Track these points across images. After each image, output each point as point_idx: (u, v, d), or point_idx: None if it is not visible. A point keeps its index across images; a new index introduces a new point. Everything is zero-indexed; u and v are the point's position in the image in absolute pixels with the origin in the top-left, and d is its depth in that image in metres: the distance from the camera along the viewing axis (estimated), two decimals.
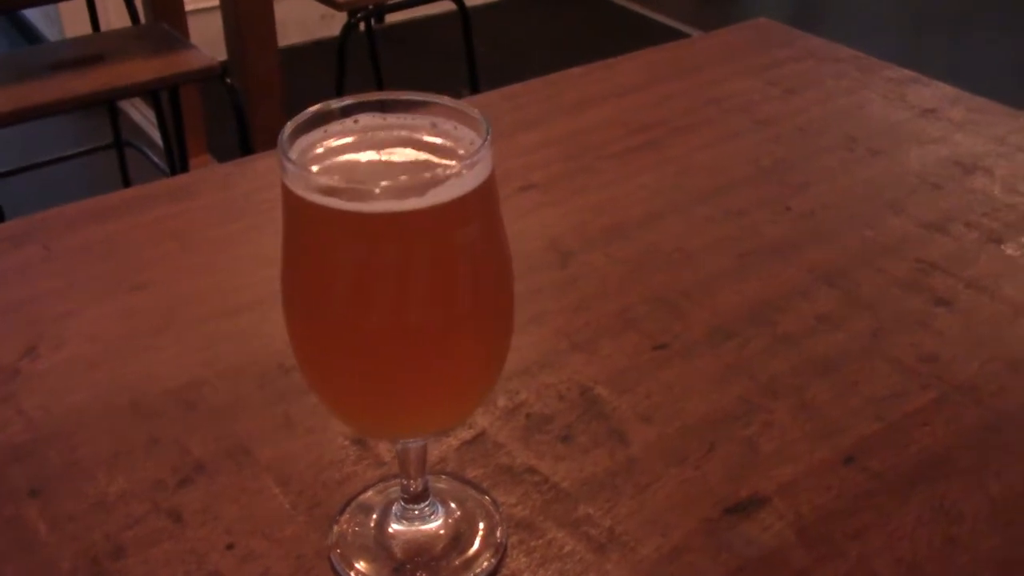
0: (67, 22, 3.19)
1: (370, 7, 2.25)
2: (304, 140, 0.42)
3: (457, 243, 0.40)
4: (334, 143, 0.42)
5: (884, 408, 0.59)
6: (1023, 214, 0.77)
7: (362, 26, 2.47)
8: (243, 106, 1.99)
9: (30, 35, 3.59)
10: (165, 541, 0.51)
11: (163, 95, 2.36)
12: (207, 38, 2.53)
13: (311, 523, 0.52)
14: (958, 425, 0.58)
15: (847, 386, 0.60)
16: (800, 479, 0.54)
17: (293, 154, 0.40)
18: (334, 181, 0.39)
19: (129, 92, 2.03)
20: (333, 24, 3.17)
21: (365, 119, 0.43)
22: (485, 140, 0.40)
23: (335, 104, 0.43)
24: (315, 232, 0.40)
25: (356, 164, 0.41)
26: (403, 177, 0.39)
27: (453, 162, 0.39)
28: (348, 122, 0.43)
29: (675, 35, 3.52)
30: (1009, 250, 0.73)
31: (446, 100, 0.43)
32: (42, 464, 0.56)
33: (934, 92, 0.96)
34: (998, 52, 3.55)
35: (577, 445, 0.56)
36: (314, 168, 0.40)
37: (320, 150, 0.42)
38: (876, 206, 0.78)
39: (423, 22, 3.45)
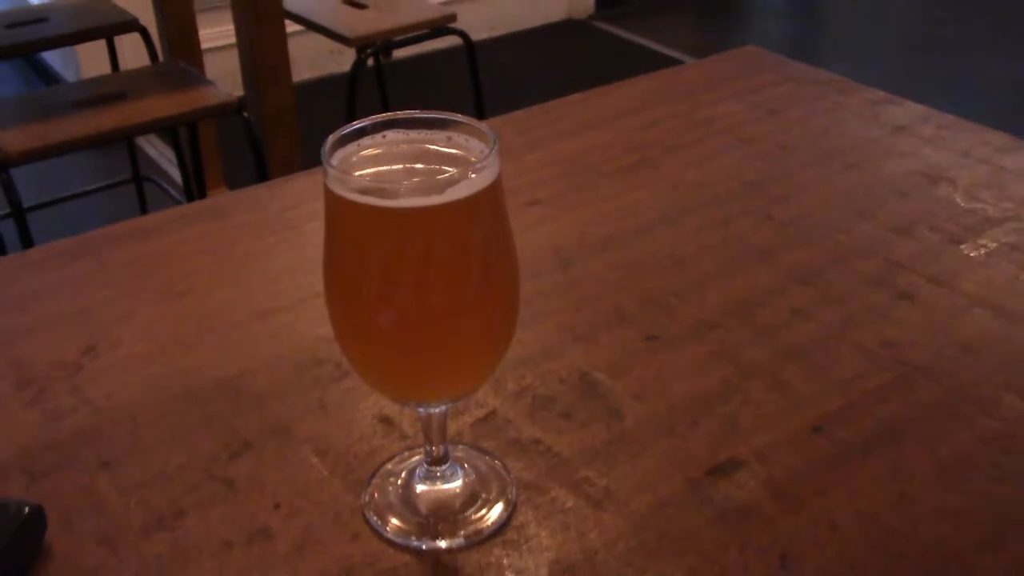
0: (84, 63, 3.30)
1: (378, 43, 2.35)
2: (342, 151, 0.50)
3: (470, 234, 0.48)
4: (367, 153, 0.50)
5: (848, 387, 0.66)
6: (982, 219, 0.85)
7: (371, 61, 2.58)
8: (259, 139, 2.08)
9: (47, 77, 3.71)
10: (220, 503, 0.59)
11: (182, 130, 2.46)
12: (223, 74, 2.63)
13: (346, 486, 0.59)
14: (913, 400, 0.65)
15: (816, 369, 0.68)
16: (773, 446, 0.62)
17: (334, 162, 0.49)
18: (368, 182, 0.47)
19: (150, 128, 2.12)
20: (343, 60, 3.28)
21: (392, 135, 0.51)
22: (492, 149, 0.48)
23: (367, 122, 0.51)
24: (352, 225, 0.48)
25: (386, 169, 0.49)
26: (425, 177, 0.47)
27: (466, 167, 0.47)
28: (378, 137, 0.51)
29: (673, 63, 3.61)
30: (968, 250, 0.81)
31: (459, 118, 0.51)
32: (109, 442, 0.63)
33: (906, 111, 1.04)
34: (992, 74, 3.64)
35: (577, 420, 0.64)
36: (353, 171, 0.48)
37: (355, 159, 0.50)
38: (848, 214, 0.86)
39: (429, 56, 3.56)
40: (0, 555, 0.53)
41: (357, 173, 0.49)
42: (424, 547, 0.55)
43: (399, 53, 3.64)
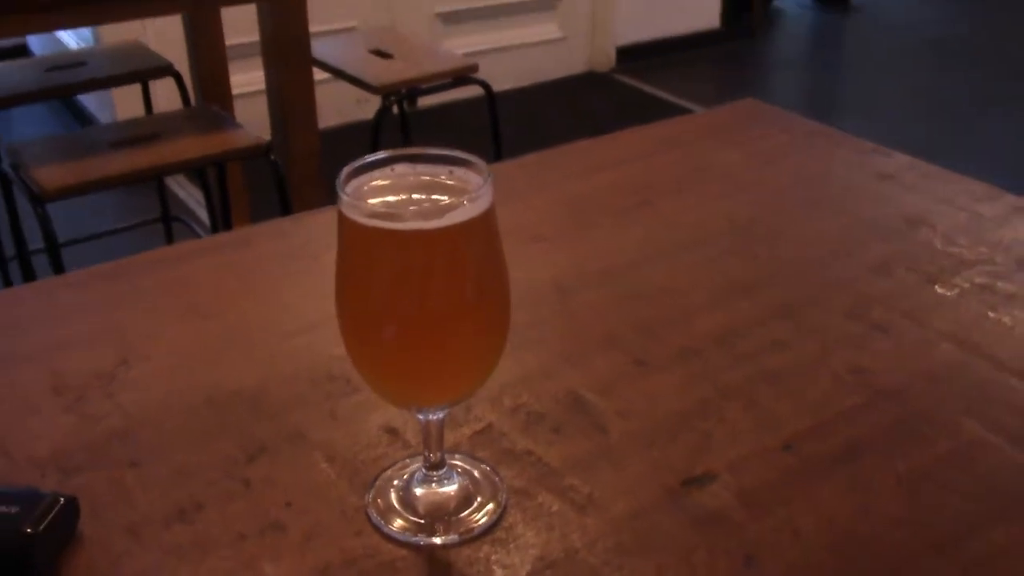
0: (119, 106, 3.42)
1: (402, 91, 2.44)
2: (355, 182, 0.56)
3: (466, 254, 0.54)
4: (377, 184, 0.57)
5: (819, 409, 0.72)
6: (957, 261, 0.90)
7: (395, 109, 2.67)
8: (284, 180, 2.16)
9: (83, 119, 3.83)
10: (237, 500, 0.64)
11: (210, 171, 2.55)
12: (253, 118, 2.72)
13: (352, 488, 0.65)
14: (878, 421, 0.70)
15: (790, 392, 0.74)
16: (745, 460, 0.67)
17: (348, 190, 0.55)
18: (376, 208, 0.53)
19: (181, 167, 2.21)
20: (368, 108, 3.37)
21: (400, 168, 0.58)
22: (486, 182, 0.55)
23: (378, 156, 0.57)
24: (362, 246, 0.54)
25: (393, 198, 0.56)
26: (427, 205, 0.53)
27: (463, 196, 0.54)
28: (387, 170, 0.57)
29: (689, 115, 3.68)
30: (941, 289, 0.86)
31: (460, 154, 0.57)
32: (137, 444, 0.69)
33: (893, 160, 1.10)
34: (1002, 131, 3.69)
35: (565, 434, 0.70)
36: (364, 199, 0.55)
37: (367, 188, 0.56)
38: (830, 254, 0.92)
39: (453, 106, 3.65)
40: (38, 540, 0.59)
41: (368, 200, 0.55)
42: (420, 543, 0.61)
43: (424, 102, 3.74)
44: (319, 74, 2.48)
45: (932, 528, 0.62)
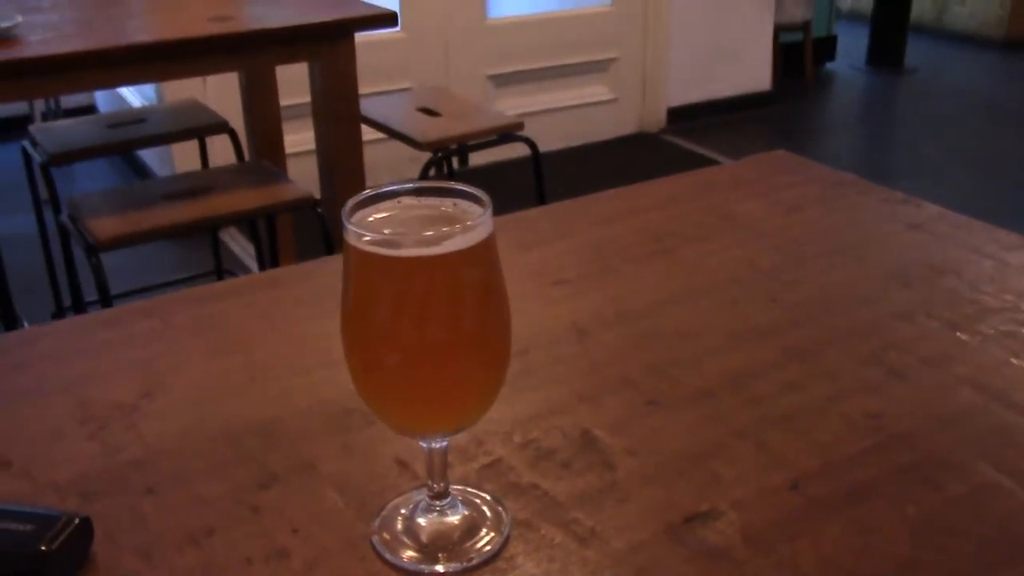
0: (178, 161, 3.52)
1: (450, 147, 2.48)
2: (362, 212, 0.58)
3: (464, 282, 0.55)
4: (382, 215, 0.59)
5: (829, 450, 0.71)
6: (981, 308, 0.90)
7: (445, 166, 2.71)
8: (331, 233, 2.20)
9: (143, 174, 3.95)
10: (246, 526, 0.66)
11: (261, 224, 2.61)
12: (305, 176, 2.79)
13: (359, 517, 0.66)
14: (889, 464, 0.70)
15: (801, 434, 0.73)
16: (751, 499, 0.67)
17: (353, 220, 0.57)
18: (378, 236, 0.55)
19: (231, 219, 2.27)
20: (420, 167, 3.43)
21: (406, 200, 0.59)
22: (486, 212, 0.56)
23: (384, 190, 0.59)
24: (363, 273, 0.56)
25: (398, 227, 0.57)
26: (427, 233, 0.55)
27: (462, 225, 0.55)
28: (393, 202, 0.59)
29: None
30: (963, 336, 0.86)
31: (463, 187, 0.59)
32: (155, 472, 0.71)
33: (922, 211, 1.10)
34: None
35: (573, 470, 0.70)
36: (366, 228, 0.56)
37: (372, 219, 0.58)
38: (851, 300, 0.92)
39: (503, 165, 3.71)
40: (51, 558, 0.61)
41: (372, 229, 0.57)
42: (423, 571, 0.62)
43: (475, 161, 3.80)
44: (372, 133, 2.54)
45: (937, 571, 0.61)
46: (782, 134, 4.54)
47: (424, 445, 0.62)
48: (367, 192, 0.59)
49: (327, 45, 2.15)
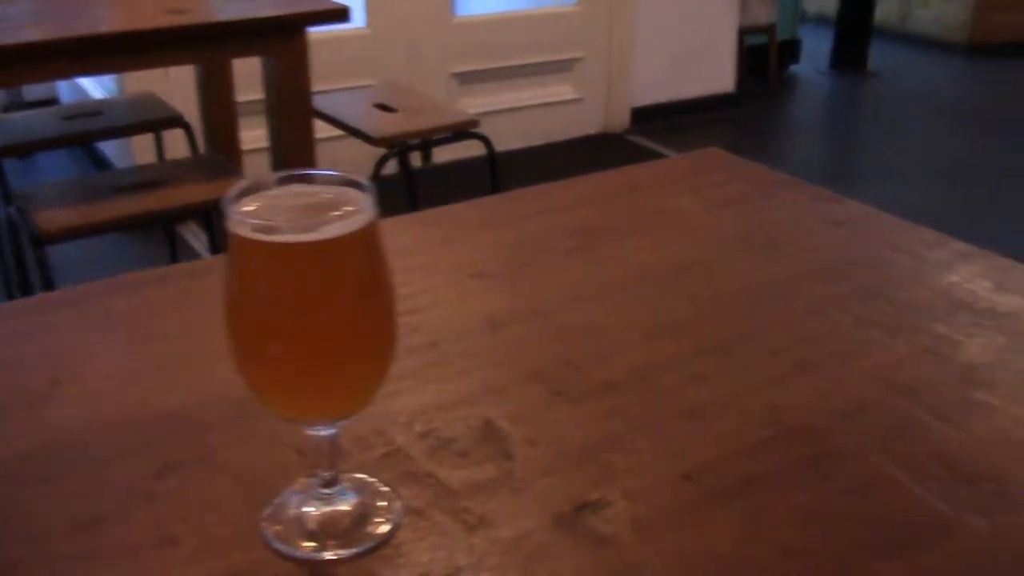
0: (138, 154, 3.50)
1: (406, 143, 2.48)
2: (247, 199, 0.58)
3: (344, 268, 0.56)
4: (267, 203, 0.59)
5: (727, 442, 0.72)
6: (895, 304, 0.91)
7: (403, 162, 2.71)
8: None
9: (103, 166, 3.92)
10: (138, 513, 0.66)
11: (215, 219, 2.60)
12: (261, 171, 2.78)
13: (250, 505, 0.66)
14: (785, 456, 0.71)
15: (701, 426, 0.74)
16: (643, 489, 0.67)
17: (237, 207, 0.57)
18: (258, 222, 0.55)
19: (183, 212, 2.26)
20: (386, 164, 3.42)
21: (293, 187, 0.59)
22: (366, 200, 0.56)
23: (270, 177, 0.59)
24: (243, 259, 0.56)
25: (279, 213, 0.57)
26: (306, 219, 0.55)
27: (340, 212, 0.55)
28: (279, 189, 0.59)
29: None
30: (874, 332, 0.86)
31: (350, 176, 0.59)
32: (53, 462, 0.71)
33: (848, 209, 1.11)
34: (1009, 199, 3.68)
35: (471, 460, 0.70)
36: (247, 215, 0.56)
37: (256, 207, 0.58)
38: (768, 296, 0.92)
39: (465, 163, 3.70)
40: None
41: (254, 215, 0.57)
42: (307, 557, 0.62)
43: (439, 158, 3.80)
44: (331, 130, 2.53)
45: (819, 559, 0.62)
46: (746, 135, 4.57)
47: (311, 433, 0.62)
48: (248, 181, 0.59)
49: (279, 39, 2.14)
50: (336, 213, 0.55)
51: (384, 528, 0.63)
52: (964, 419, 0.75)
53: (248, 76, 2.74)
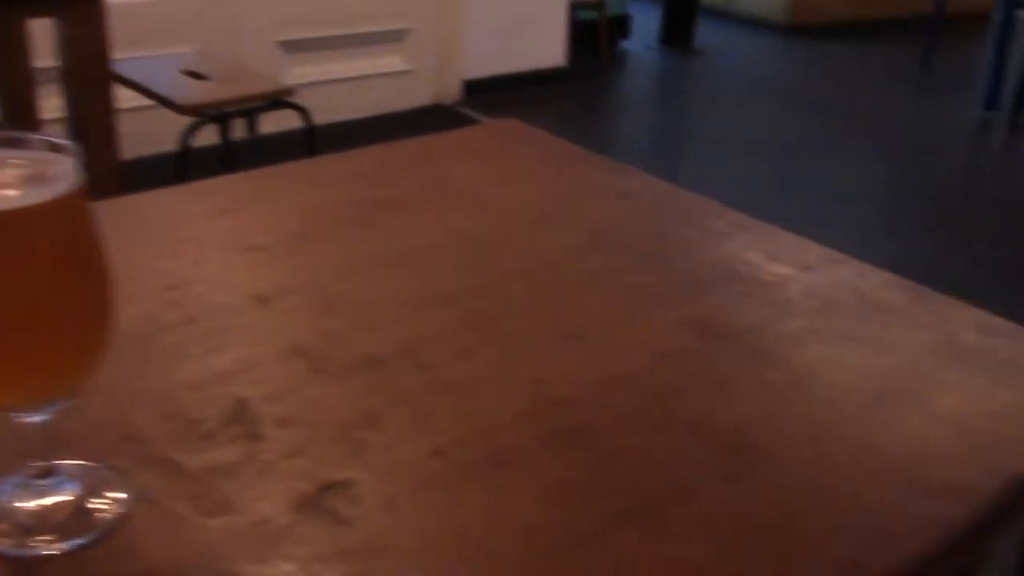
0: None
1: (215, 112, 2.39)
2: None
3: (36, 241, 0.51)
4: None
5: (485, 416, 0.71)
6: (670, 274, 0.91)
7: (223, 133, 2.61)
8: None
9: None
10: None
11: None
12: None
13: None
14: (542, 429, 0.70)
15: (461, 400, 0.73)
16: (392, 467, 0.65)
17: None
18: None
19: None
20: (210, 134, 3.31)
21: None
22: (69, 166, 0.52)
23: None
24: None
25: None
26: None
27: (33, 180, 0.51)
28: None
29: None
30: (644, 301, 0.87)
31: (57, 140, 0.54)
32: None
33: (635, 181, 1.12)
34: (820, 176, 3.85)
35: (215, 442, 0.67)
36: None
37: None
38: (545, 267, 0.92)
39: (293, 135, 3.60)
40: None
41: None
42: (17, 554, 0.57)
43: (265, 129, 3.68)
44: (139, 99, 2.41)
45: (563, 531, 0.61)
46: (577, 109, 4.62)
47: (19, 420, 0.57)
48: None
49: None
50: (32, 180, 0.51)
51: (107, 518, 0.59)
52: (724, 389, 0.76)
53: (49, 40, 2.58)
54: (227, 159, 2.70)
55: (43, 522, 0.59)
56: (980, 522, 0.65)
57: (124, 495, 0.61)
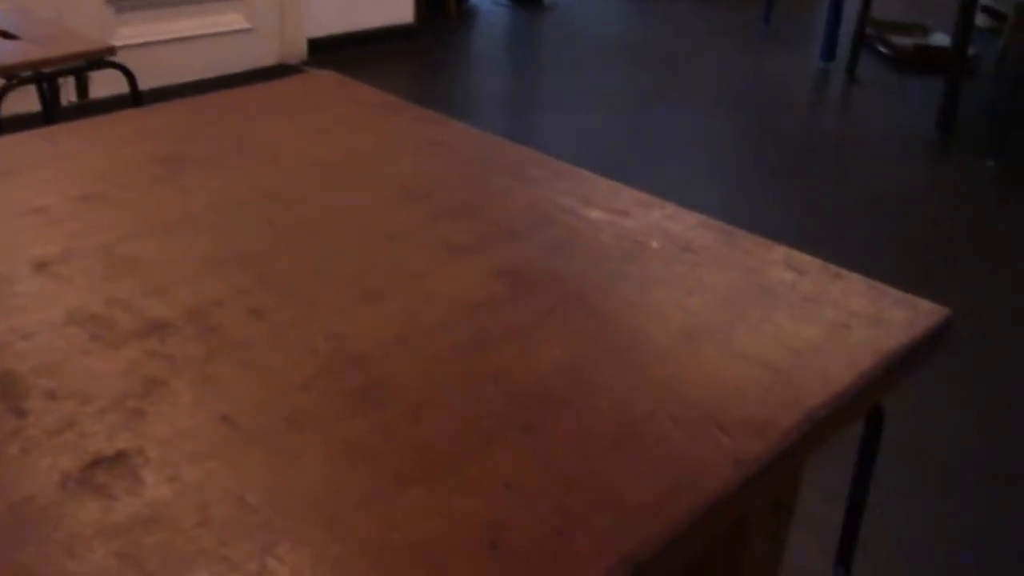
0: None
1: (28, 74, 2.24)
2: None
3: None
4: None
5: (272, 378, 0.67)
6: (479, 222, 0.89)
7: (43, 95, 2.45)
8: None
9: None
10: None
11: None
12: None
13: None
14: (334, 389, 0.67)
15: (251, 363, 0.69)
16: (174, 436, 0.61)
17: None
18: None
19: None
20: (32, 99, 3.11)
21: None
22: None
23: None
24: None
25: None
26: None
27: None
28: None
29: None
30: (455, 253, 0.84)
31: None
32: None
33: (452, 131, 1.09)
34: (677, 126, 3.91)
35: None
36: None
37: None
38: (350, 221, 0.88)
39: (122, 99, 3.43)
40: None
41: None
42: None
43: (96, 94, 3.50)
44: None
45: (352, 490, 0.58)
46: (425, 66, 4.55)
47: None
48: None
49: None
50: None
51: None
52: (530, 338, 0.75)
53: None
54: (48, 123, 2.54)
55: None
56: (779, 455, 0.66)
57: None
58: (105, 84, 3.14)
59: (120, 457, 0.59)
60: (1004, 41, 4.38)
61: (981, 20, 5.03)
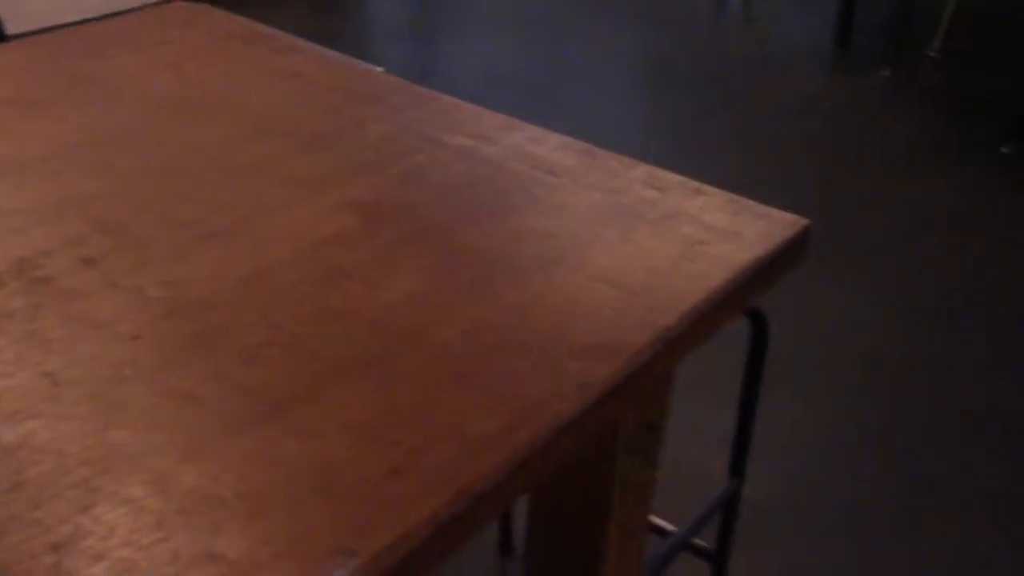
0: None
1: None
2: None
3: None
4: None
5: (101, 330, 0.64)
6: (331, 155, 0.86)
7: None
8: None
9: None
10: None
11: None
12: None
13: None
14: (169, 337, 0.64)
15: (79, 315, 0.65)
16: None
17: None
18: None
19: None
20: None
21: None
22: None
23: None
24: None
25: None
26: None
27: None
28: None
29: None
30: (301, 190, 0.81)
31: None
32: None
33: (312, 60, 1.04)
34: (593, 50, 3.87)
35: None
36: None
37: None
38: (199, 159, 0.84)
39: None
40: None
41: None
42: None
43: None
44: None
45: (183, 443, 0.56)
46: (331, 3, 4.42)
47: None
48: None
49: None
50: None
51: None
52: (379, 273, 0.72)
53: None
54: None
55: None
56: (628, 376, 0.65)
57: None
58: None
59: None
60: None
61: None
